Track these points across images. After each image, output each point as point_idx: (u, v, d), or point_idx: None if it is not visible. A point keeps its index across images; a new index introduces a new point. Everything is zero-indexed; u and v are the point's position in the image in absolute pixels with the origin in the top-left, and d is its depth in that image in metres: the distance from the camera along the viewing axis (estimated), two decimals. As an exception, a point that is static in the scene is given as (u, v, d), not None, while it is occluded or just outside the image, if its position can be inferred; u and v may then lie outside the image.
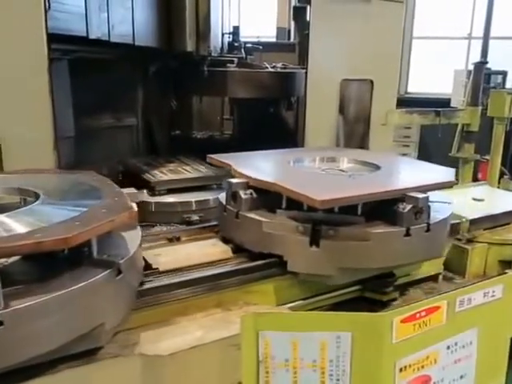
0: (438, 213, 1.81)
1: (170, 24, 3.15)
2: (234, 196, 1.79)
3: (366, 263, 1.66)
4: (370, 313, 1.26)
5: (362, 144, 2.88)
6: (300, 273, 1.68)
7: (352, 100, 2.82)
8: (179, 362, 1.33)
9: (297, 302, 1.73)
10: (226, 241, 1.88)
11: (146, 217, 2.58)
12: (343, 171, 2.10)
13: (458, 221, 2.22)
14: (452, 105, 6.45)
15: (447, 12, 8.79)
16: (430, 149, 7.80)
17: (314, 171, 2.08)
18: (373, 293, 1.85)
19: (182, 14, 3.11)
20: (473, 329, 1.39)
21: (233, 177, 1.89)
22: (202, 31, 3.22)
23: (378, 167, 2.05)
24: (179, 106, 3.75)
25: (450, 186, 1.90)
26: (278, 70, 3.66)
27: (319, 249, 1.60)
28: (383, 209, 1.69)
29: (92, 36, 2.58)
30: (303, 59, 3.70)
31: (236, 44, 3.88)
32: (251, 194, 1.77)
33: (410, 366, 1.29)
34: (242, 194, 1.76)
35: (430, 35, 9.06)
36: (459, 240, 2.22)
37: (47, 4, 2.08)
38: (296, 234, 1.64)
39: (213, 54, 3.41)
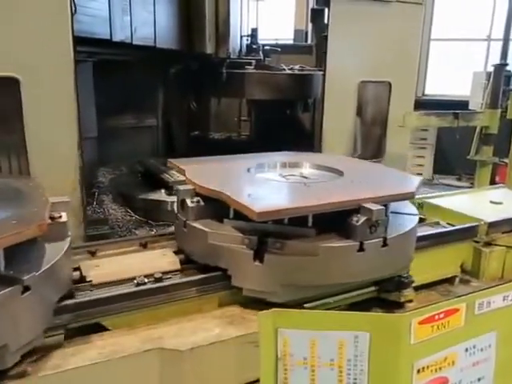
0: (400, 226, 1.67)
1: (190, 27, 3.20)
2: (182, 204, 1.70)
3: (313, 280, 1.51)
4: (389, 313, 1.26)
5: (379, 146, 2.88)
6: (244, 288, 1.54)
7: (370, 102, 2.82)
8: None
9: (311, 303, 1.70)
10: (180, 251, 1.77)
11: (163, 216, 2.63)
12: (305, 178, 1.98)
13: (475, 224, 2.20)
14: (470, 107, 6.37)
15: (466, 13, 8.69)
16: (447, 151, 7.73)
17: (271, 179, 1.93)
18: (389, 294, 1.84)
19: (202, 18, 3.15)
20: (492, 332, 1.38)
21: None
22: (222, 34, 3.26)
23: (341, 174, 1.94)
24: (198, 108, 3.80)
25: (411, 197, 1.76)
26: (296, 71, 3.68)
27: (263, 263, 1.48)
28: (338, 220, 1.54)
29: (115, 39, 2.64)
30: (320, 61, 3.71)
31: (254, 46, 3.91)
32: (198, 202, 1.66)
33: (427, 367, 1.28)
34: (189, 202, 1.66)
35: (448, 37, 8.98)
36: (477, 243, 2.20)
37: (73, 8, 2.14)
38: (241, 247, 1.51)
39: (231, 57, 3.46)
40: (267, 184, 1.82)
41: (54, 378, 1.22)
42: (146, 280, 1.55)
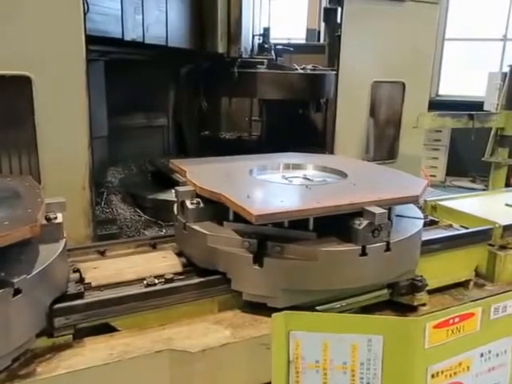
0: (405, 229, 1.64)
1: (202, 26, 3.20)
2: (182, 205, 1.67)
3: (314, 285, 1.48)
4: (403, 317, 1.25)
5: (392, 147, 2.85)
6: (244, 292, 1.52)
7: (383, 102, 2.80)
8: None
9: (323, 306, 1.69)
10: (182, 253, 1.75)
11: (173, 216, 2.62)
12: (308, 179, 1.94)
13: (490, 226, 2.17)
14: (485, 108, 6.30)
15: (481, 13, 8.59)
16: (461, 153, 7.65)
17: (273, 180, 1.90)
18: (402, 297, 1.81)
19: (214, 17, 3.15)
20: (508, 337, 1.35)
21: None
22: (234, 33, 3.26)
23: (345, 176, 1.91)
24: (209, 107, 3.79)
25: (415, 201, 1.72)
26: (308, 71, 3.66)
27: (263, 268, 1.45)
28: (340, 224, 1.51)
29: (127, 38, 2.64)
30: (333, 61, 3.69)
31: (266, 46, 3.90)
32: (198, 203, 1.63)
33: (442, 372, 1.26)
34: (189, 204, 1.63)
35: (462, 36, 8.89)
36: (492, 246, 2.17)
37: (86, 7, 2.15)
38: (240, 250, 1.48)
39: (243, 56, 3.45)
40: (268, 186, 1.80)
41: (65, 379, 1.22)
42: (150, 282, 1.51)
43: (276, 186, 1.82)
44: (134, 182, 3.50)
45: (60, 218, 1.46)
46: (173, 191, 3.00)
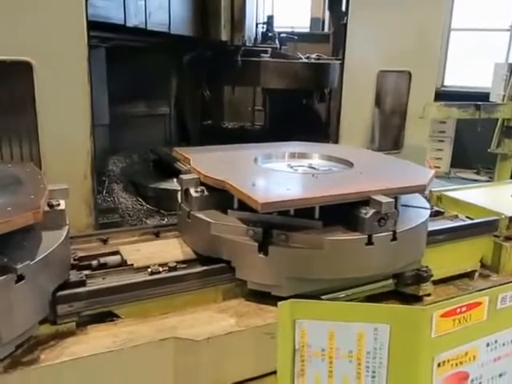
0: (411, 219, 1.62)
1: (205, 13, 3.16)
2: (185, 193, 1.66)
3: (319, 274, 1.47)
4: (409, 305, 1.23)
5: (398, 138, 2.82)
6: (248, 281, 1.51)
7: (389, 92, 2.76)
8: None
9: (328, 295, 1.68)
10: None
11: (175, 205, 2.61)
12: (314, 168, 1.92)
13: (496, 218, 2.16)
14: (491, 99, 6.24)
15: (488, 3, 8.50)
16: (466, 144, 7.61)
17: (278, 169, 1.88)
18: (407, 287, 1.81)
19: (217, 3, 3.11)
20: (514, 327, 1.34)
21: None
22: (237, 21, 3.22)
23: (351, 165, 1.89)
24: (211, 96, 3.76)
25: (422, 190, 1.71)
26: (312, 60, 3.63)
27: (268, 256, 1.44)
28: (347, 213, 1.50)
29: (129, 24, 2.60)
30: (337, 50, 3.66)
31: (270, 34, 3.86)
32: (202, 191, 1.62)
33: (448, 361, 1.26)
34: (193, 192, 1.61)
35: (468, 27, 8.80)
36: (497, 237, 2.15)
37: (88, -9, 2.11)
38: (245, 238, 1.47)
39: (247, 44, 3.41)
40: (273, 174, 1.78)
41: (68, 366, 1.21)
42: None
43: (282, 174, 1.80)
44: (136, 170, 3.49)
45: (63, 204, 1.44)
46: (175, 180, 3.00)
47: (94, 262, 1.57)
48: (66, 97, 2.16)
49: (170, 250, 1.70)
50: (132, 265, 1.56)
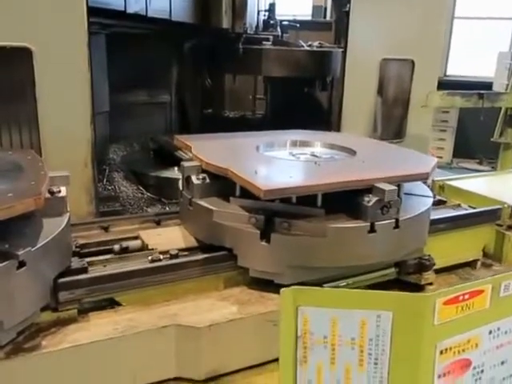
0: (414, 207, 1.62)
1: (206, 0, 3.12)
2: (187, 181, 1.65)
3: (321, 262, 1.47)
4: (412, 293, 1.23)
5: (400, 127, 2.81)
6: (250, 269, 1.51)
7: (391, 80, 2.74)
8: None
9: (330, 283, 1.68)
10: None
11: (176, 194, 2.60)
12: (316, 156, 1.92)
13: (499, 206, 2.15)
14: (494, 89, 6.21)
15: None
16: (468, 134, 7.57)
17: (280, 157, 1.87)
18: (409, 276, 1.80)
19: (218, -10, 3.07)
20: (517, 315, 1.34)
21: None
22: (238, 8, 3.18)
23: (353, 153, 1.88)
24: (212, 84, 3.73)
25: (425, 178, 1.70)
26: (314, 48, 3.59)
27: (270, 244, 1.43)
28: (349, 201, 1.50)
29: (130, 10, 2.57)
30: (339, 38, 3.62)
31: (271, 22, 3.83)
32: (204, 179, 1.61)
33: (450, 348, 1.25)
34: (195, 179, 1.61)
35: (472, 15, 8.70)
36: (500, 226, 2.15)
37: (88, -24, 2.08)
38: (247, 226, 1.47)
39: (248, 32, 3.37)
40: (275, 162, 1.78)
41: (70, 352, 1.21)
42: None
43: (284, 162, 1.79)
44: (136, 159, 3.47)
45: (64, 191, 1.44)
46: (175, 169, 2.98)
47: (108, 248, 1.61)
48: (67, 84, 2.13)
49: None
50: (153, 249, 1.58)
